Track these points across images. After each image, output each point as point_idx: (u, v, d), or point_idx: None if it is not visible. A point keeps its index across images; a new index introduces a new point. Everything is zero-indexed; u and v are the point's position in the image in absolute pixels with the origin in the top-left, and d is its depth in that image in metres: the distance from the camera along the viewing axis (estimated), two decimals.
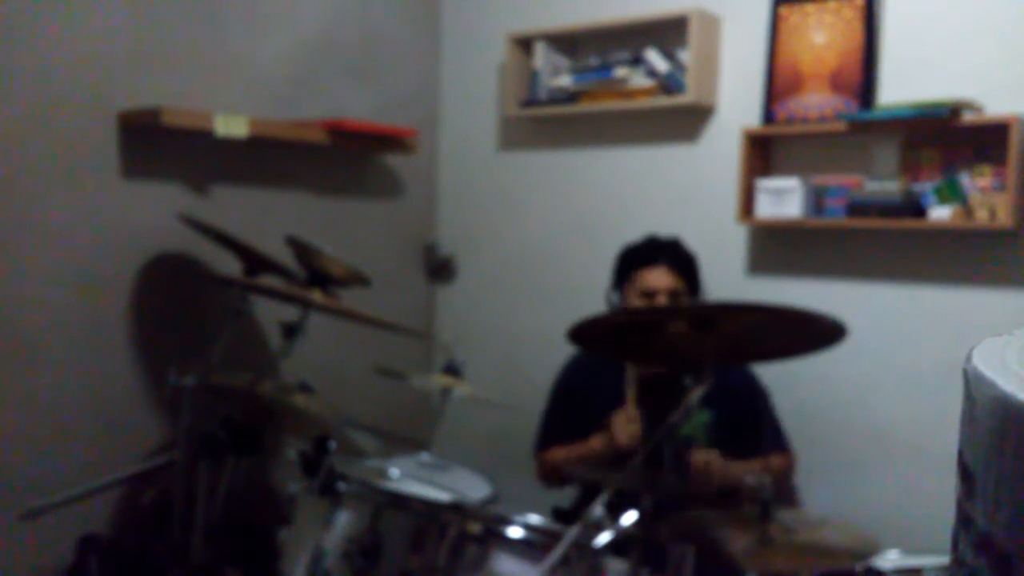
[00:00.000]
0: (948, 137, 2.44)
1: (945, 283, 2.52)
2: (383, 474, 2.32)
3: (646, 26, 2.93)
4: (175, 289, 2.74)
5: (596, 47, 3.09)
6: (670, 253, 2.54)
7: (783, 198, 2.64)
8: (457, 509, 2.07)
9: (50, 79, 2.44)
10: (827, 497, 2.69)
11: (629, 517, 1.86)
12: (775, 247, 2.81)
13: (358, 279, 2.60)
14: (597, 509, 1.84)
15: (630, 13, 2.96)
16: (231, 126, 2.61)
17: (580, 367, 2.68)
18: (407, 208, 3.43)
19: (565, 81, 3.06)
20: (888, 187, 2.52)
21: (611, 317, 2.25)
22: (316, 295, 2.47)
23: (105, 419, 2.60)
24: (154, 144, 2.65)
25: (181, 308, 2.75)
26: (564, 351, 2.57)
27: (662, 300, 2.46)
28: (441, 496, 2.15)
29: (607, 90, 2.97)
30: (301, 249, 2.57)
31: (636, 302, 2.51)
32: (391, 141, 3.18)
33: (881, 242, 2.62)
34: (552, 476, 2.63)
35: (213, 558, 2.44)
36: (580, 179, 3.19)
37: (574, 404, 2.64)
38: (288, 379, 2.73)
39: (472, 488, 2.36)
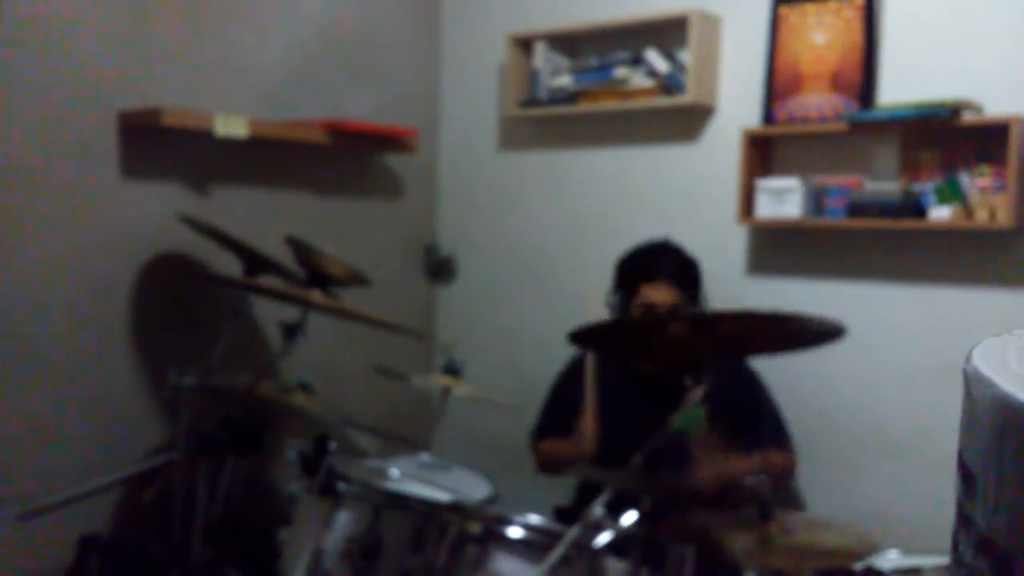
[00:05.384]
0: (948, 137, 2.44)
1: (945, 283, 2.52)
2: (383, 474, 2.32)
3: (646, 26, 2.92)
4: (175, 289, 2.74)
5: (596, 47, 3.09)
6: (672, 268, 2.53)
7: (783, 198, 2.64)
8: (457, 509, 2.07)
9: (50, 79, 2.44)
10: (827, 497, 2.68)
11: (629, 517, 1.87)
12: (775, 247, 2.81)
13: (358, 279, 2.60)
14: (597, 509, 1.84)
15: (630, 13, 2.96)
16: (231, 126, 2.61)
17: (583, 364, 2.68)
18: (407, 208, 3.43)
19: (565, 81, 3.06)
20: (888, 187, 2.52)
21: (610, 324, 2.25)
22: (316, 295, 2.47)
23: (105, 419, 2.60)
24: (154, 144, 2.65)
25: (181, 308, 2.75)
26: (564, 351, 2.57)
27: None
28: (441, 496, 2.15)
29: (607, 90, 2.96)
30: (301, 249, 2.57)
31: (637, 313, 2.52)
32: (391, 141, 3.18)
33: (881, 242, 2.62)
34: (546, 466, 2.64)
35: (213, 558, 2.44)
36: (580, 179, 3.19)
37: (574, 401, 2.65)
38: (288, 379, 2.73)
39: (472, 488, 2.36)
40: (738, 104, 2.83)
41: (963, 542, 0.54)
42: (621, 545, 1.88)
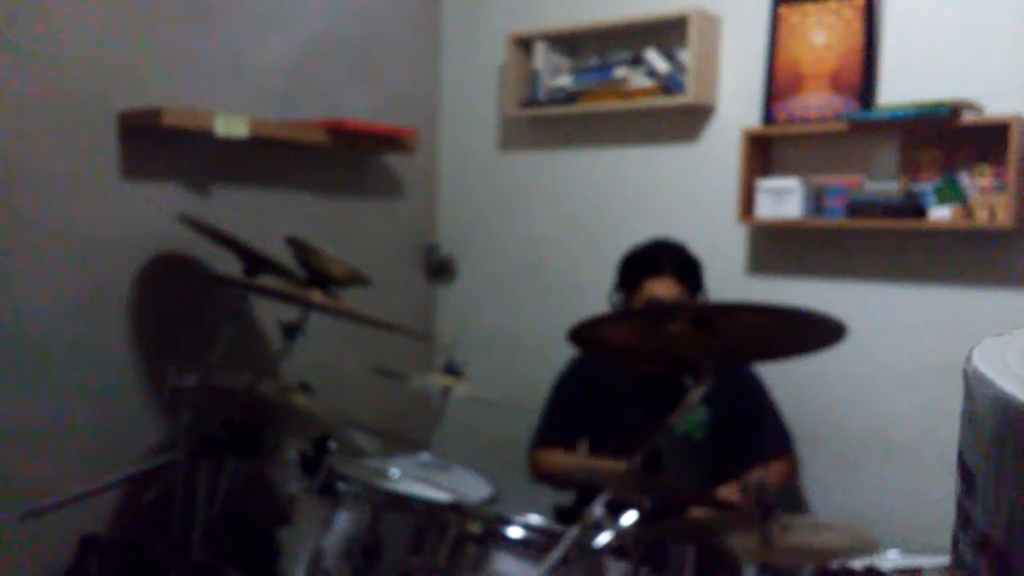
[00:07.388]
0: (948, 137, 2.44)
1: (945, 283, 2.52)
2: (383, 474, 2.31)
3: (646, 26, 2.92)
4: (175, 289, 2.74)
5: (596, 47, 3.08)
6: (676, 262, 2.53)
7: (783, 198, 2.64)
8: (457, 509, 2.07)
9: (50, 79, 2.44)
10: (827, 497, 2.68)
11: (629, 517, 1.86)
12: (775, 247, 2.81)
13: (358, 279, 2.60)
14: (597, 509, 1.83)
15: (630, 13, 2.96)
16: (231, 126, 2.61)
17: (582, 368, 2.67)
18: (407, 208, 3.43)
19: (565, 81, 3.06)
20: (888, 187, 2.52)
21: (611, 318, 2.25)
22: (316, 295, 2.47)
23: (105, 419, 2.60)
24: (154, 144, 2.65)
25: (181, 308, 2.75)
26: (564, 351, 2.57)
27: None
28: (441, 496, 2.15)
29: (607, 90, 2.96)
30: (301, 249, 2.57)
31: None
32: (391, 141, 3.18)
33: (881, 242, 2.61)
34: (544, 477, 2.63)
35: (213, 558, 2.44)
36: (580, 179, 3.19)
37: (574, 406, 2.64)
38: (288, 379, 2.73)
39: (472, 488, 2.35)
40: (738, 104, 2.83)
41: (963, 542, 0.54)
42: (621, 545, 1.88)
